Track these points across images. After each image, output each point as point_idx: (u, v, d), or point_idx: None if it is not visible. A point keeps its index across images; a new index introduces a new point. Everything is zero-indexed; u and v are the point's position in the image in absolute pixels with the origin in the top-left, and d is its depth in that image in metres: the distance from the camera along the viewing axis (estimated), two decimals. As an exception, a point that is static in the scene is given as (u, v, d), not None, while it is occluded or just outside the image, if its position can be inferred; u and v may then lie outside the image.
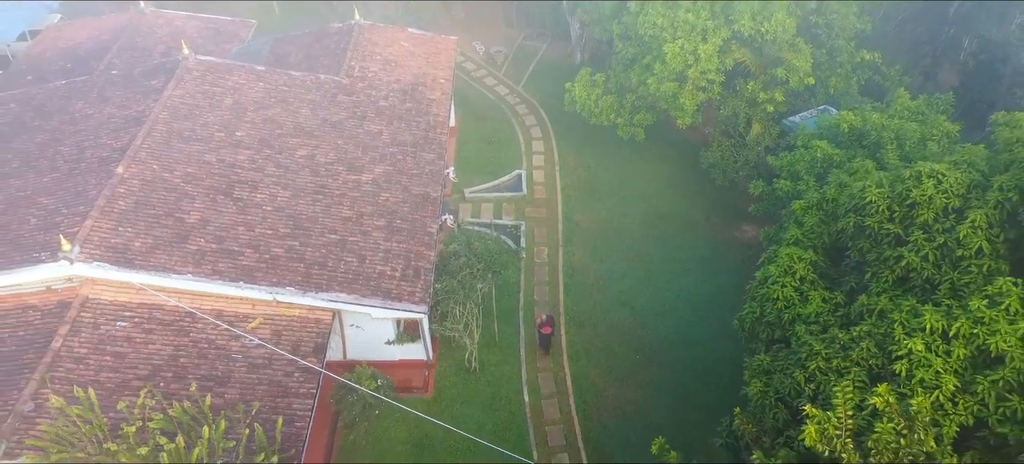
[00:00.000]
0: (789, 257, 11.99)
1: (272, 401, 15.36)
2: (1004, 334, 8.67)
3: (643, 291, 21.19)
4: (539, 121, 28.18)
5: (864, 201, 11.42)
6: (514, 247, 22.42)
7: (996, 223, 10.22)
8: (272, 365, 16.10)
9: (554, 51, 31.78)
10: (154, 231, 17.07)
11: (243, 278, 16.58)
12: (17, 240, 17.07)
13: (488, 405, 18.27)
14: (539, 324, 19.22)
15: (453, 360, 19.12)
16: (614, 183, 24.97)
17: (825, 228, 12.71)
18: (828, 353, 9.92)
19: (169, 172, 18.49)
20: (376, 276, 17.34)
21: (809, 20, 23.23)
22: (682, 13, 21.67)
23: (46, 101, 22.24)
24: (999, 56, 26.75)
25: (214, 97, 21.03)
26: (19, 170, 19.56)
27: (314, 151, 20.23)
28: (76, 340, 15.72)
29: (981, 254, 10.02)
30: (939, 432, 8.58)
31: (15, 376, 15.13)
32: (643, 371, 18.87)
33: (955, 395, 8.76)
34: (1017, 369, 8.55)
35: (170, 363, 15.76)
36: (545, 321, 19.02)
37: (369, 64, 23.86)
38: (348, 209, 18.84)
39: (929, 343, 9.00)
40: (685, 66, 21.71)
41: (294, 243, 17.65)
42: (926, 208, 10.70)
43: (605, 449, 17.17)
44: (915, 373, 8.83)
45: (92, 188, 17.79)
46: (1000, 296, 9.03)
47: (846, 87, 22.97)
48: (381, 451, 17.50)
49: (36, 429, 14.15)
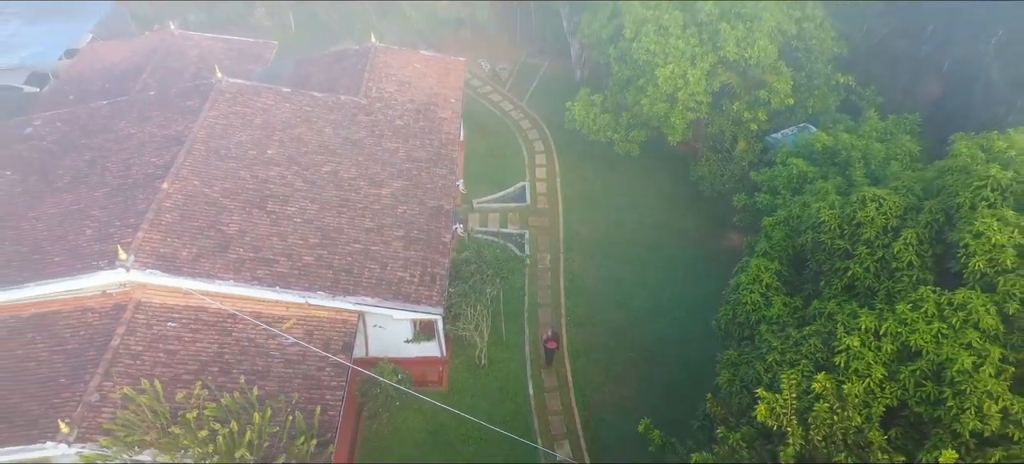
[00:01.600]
0: (757, 267, 14.00)
1: (307, 393, 17.37)
2: (922, 333, 10.66)
3: (638, 294, 23.18)
4: (541, 135, 30.19)
5: (820, 220, 13.44)
6: (519, 254, 24.44)
7: (925, 240, 12.21)
8: (305, 361, 18.13)
9: (555, 68, 33.78)
10: (198, 241, 19.07)
11: (279, 283, 18.58)
12: (75, 249, 19.09)
13: (496, 398, 20.26)
14: (544, 339, 21.08)
15: (464, 357, 21.13)
16: (611, 194, 26.97)
17: (789, 242, 14.72)
18: (783, 348, 11.91)
19: (209, 187, 20.50)
20: (396, 281, 19.36)
21: (791, 44, 25.22)
22: (673, 40, 23.67)
23: (90, 120, 24.26)
24: (972, 73, 28.66)
25: (245, 117, 23.03)
26: (71, 185, 21.60)
27: (337, 167, 22.24)
28: (132, 339, 17.75)
29: (911, 266, 12.01)
30: (870, 412, 10.55)
31: (80, 371, 17.16)
32: (637, 368, 20.86)
33: (883, 382, 10.75)
34: (932, 361, 10.54)
35: (216, 359, 17.79)
36: (550, 337, 20.89)
37: (385, 85, 25.87)
38: (370, 221, 20.86)
39: (864, 340, 10.98)
40: (676, 88, 23.71)
41: (323, 252, 19.66)
42: (869, 227, 12.69)
43: (602, 437, 19.18)
44: (851, 364, 10.82)
45: (140, 202, 19.78)
46: (921, 302, 11.02)
47: (824, 106, 24.95)
48: (401, 439, 19.51)
49: (101, 417, 16.22)
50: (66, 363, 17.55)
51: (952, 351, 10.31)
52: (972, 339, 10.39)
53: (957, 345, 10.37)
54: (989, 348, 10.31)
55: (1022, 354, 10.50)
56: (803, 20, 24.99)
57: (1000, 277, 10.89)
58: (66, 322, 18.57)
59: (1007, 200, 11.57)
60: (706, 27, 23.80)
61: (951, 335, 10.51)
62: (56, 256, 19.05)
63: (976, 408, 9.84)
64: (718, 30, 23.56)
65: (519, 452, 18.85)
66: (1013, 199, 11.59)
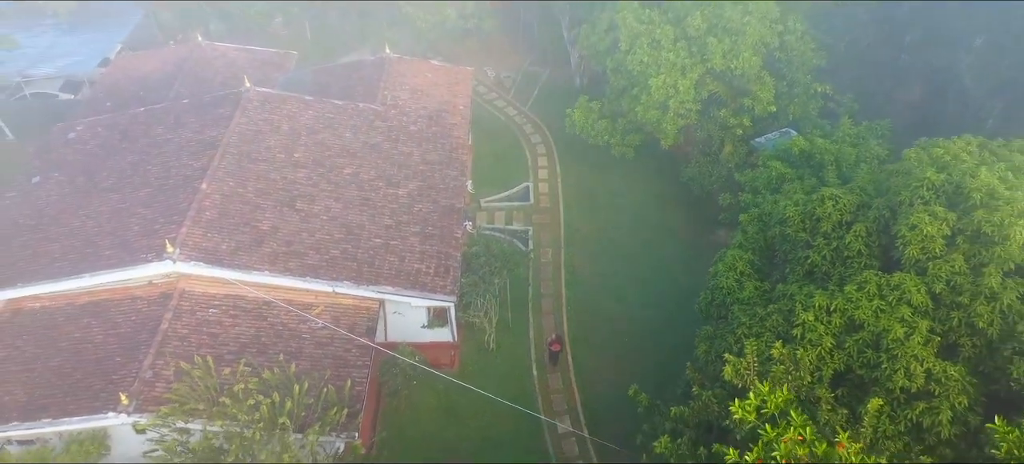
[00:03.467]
0: (733, 257, 16.10)
1: (335, 371, 19.48)
2: (864, 309, 12.75)
3: (632, 286, 25.29)
4: (543, 139, 32.32)
5: (785, 215, 15.54)
6: (524, 249, 26.57)
7: (873, 232, 14.30)
8: (333, 343, 20.25)
9: (556, 77, 35.89)
10: (235, 236, 21.19)
11: (309, 274, 20.71)
12: (125, 244, 21.22)
13: (504, 378, 22.36)
14: (549, 342, 23.04)
15: (474, 341, 23.24)
16: (608, 194, 29.09)
17: (761, 235, 16.82)
18: (750, 323, 13.99)
19: (243, 188, 22.63)
20: (414, 272, 21.48)
21: (773, 56, 27.34)
22: (664, 52, 25.80)
23: (130, 126, 26.36)
24: (948, 81, 30.69)
25: (273, 123, 25.14)
26: (116, 186, 23.74)
27: (358, 169, 24.36)
28: (179, 323, 19.88)
29: (860, 254, 14.09)
30: (821, 374, 12.65)
31: (133, 351, 19.31)
32: (631, 351, 22.95)
33: (832, 350, 12.84)
34: (872, 332, 12.63)
35: (254, 341, 19.92)
36: (554, 340, 22.90)
37: (399, 93, 27.99)
38: (389, 218, 22.99)
39: (817, 315, 13.06)
40: (667, 97, 25.83)
41: (347, 246, 21.79)
42: (826, 221, 14.79)
43: (599, 411, 21.30)
44: (806, 335, 12.91)
45: (182, 201, 21.88)
46: (864, 283, 13.10)
47: (804, 113, 27.04)
48: (417, 415, 21.61)
49: (154, 391, 18.36)
50: (120, 345, 19.70)
51: (888, 323, 12.41)
52: (904, 314, 12.49)
53: (892, 319, 12.47)
54: (918, 321, 12.43)
55: (946, 326, 12.63)
56: (785, 33, 27.09)
57: (930, 262, 12.99)
58: (117, 309, 20.73)
59: (939, 198, 13.66)
60: (695, 41, 25.92)
61: (888, 310, 12.62)
62: (107, 250, 21.18)
63: (905, 369, 11.94)
64: (706, 43, 25.68)
65: (525, 426, 20.99)
66: (945, 197, 13.70)
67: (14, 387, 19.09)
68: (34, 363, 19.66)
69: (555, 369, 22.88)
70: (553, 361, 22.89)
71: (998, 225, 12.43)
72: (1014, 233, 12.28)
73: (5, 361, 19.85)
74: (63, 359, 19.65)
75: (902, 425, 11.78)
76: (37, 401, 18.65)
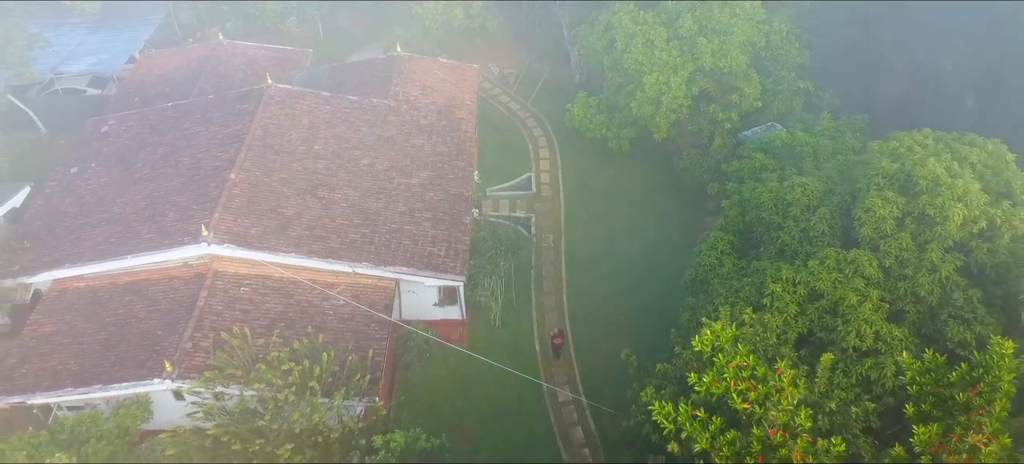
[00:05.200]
0: (715, 238, 18.05)
1: (357, 342, 21.45)
2: (824, 280, 14.70)
3: (627, 269, 27.24)
4: (545, 132, 34.23)
5: (761, 201, 17.48)
6: (526, 234, 28.54)
7: (836, 215, 16.25)
8: (354, 319, 22.23)
9: (557, 74, 37.73)
10: (263, 222, 23.15)
11: (331, 256, 22.68)
12: (162, 228, 23.19)
13: (509, 352, 24.30)
14: (551, 336, 24.66)
15: (481, 319, 25.22)
16: (605, 184, 31.01)
17: (741, 218, 18.78)
18: (726, 293, 15.93)
19: (268, 177, 24.57)
20: (427, 255, 23.46)
21: (760, 54, 29.26)
22: (658, 52, 27.71)
23: (159, 121, 28.28)
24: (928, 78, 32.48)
25: (293, 118, 27.05)
26: (150, 176, 25.69)
27: (374, 161, 26.29)
28: (214, 300, 21.85)
29: (824, 234, 16.04)
30: (786, 336, 14.62)
31: (173, 325, 21.29)
32: (625, 326, 24.91)
33: (796, 316, 14.81)
34: (830, 300, 14.59)
35: (282, 316, 21.91)
36: (556, 334, 24.64)
37: (410, 89, 29.89)
38: (403, 205, 24.93)
39: (784, 286, 15.02)
40: (660, 93, 27.74)
41: (365, 231, 23.75)
42: (796, 205, 16.73)
43: (595, 382, 23.31)
44: (774, 304, 14.87)
45: (213, 190, 23.81)
46: (825, 258, 15.06)
47: (789, 108, 28.95)
48: (430, 386, 23.56)
49: (194, 360, 20.35)
50: (161, 320, 21.70)
51: (844, 293, 14.38)
52: (858, 285, 14.46)
53: (848, 289, 14.43)
54: (870, 291, 14.39)
55: (894, 294, 14.59)
56: (771, 33, 29.02)
57: (882, 240, 14.95)
58: (156, 288, 22.72)
59: (892, 185, 15.60)
60: (686, 40, 27.83)
61: (844, 282, 14.58)
62: (146, 234, 23.16)
63: (857, 331, 13.91)
64: (696, 43, 27.59)
65: (528, 396, 23.01)
66: (897, 184, 15.64)
67: (66, 358, 21.12)
68: (83, 336, 21.66)
69: (558, 361, 24.30)
70: (556, 355, 24.34)
71: (939, 208, 14.39)
72: (953, 214, 14.24)
73: (55, 335, 21.87)
74: (109, 333, 21.65)
75: (854, 378, 13.76)
76: (88, 370, 20.67)
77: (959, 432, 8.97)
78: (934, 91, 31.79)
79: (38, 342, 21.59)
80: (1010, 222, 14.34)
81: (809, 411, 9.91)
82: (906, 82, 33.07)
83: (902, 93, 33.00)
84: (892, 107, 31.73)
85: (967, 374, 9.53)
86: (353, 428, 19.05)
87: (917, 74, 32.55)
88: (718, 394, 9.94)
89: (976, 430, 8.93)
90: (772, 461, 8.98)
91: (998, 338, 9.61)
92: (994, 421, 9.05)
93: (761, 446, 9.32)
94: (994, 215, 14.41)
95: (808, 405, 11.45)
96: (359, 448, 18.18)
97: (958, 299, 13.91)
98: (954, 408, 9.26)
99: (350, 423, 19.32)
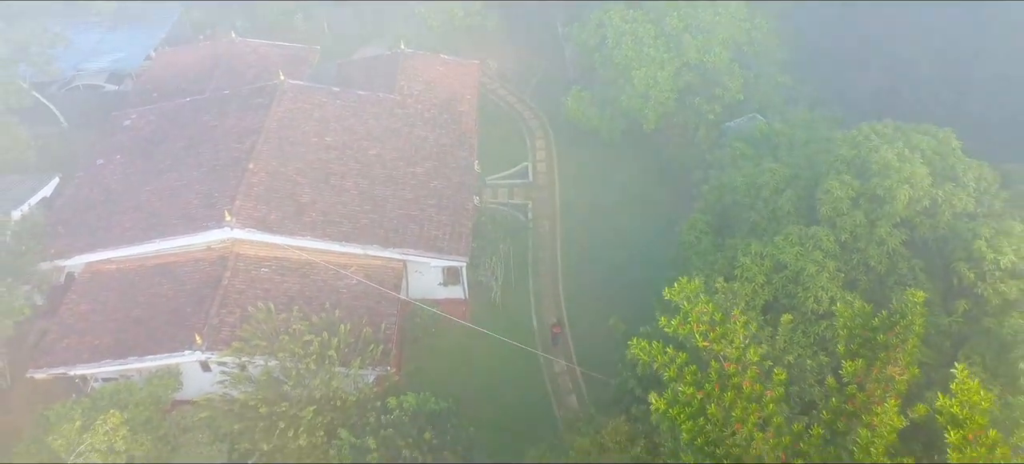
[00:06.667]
0: (694, 219, 20.03)
1: (369, 319, 23.39)
2: (787, 253, 16.66)
3: (617, 251, 29.16)
4: (541, 124, 36.12)
5: (735, 185, 19.44)
6: (524, 220, 30.49)
7: (801, 196, 18.23)
8: (366, 297, 24.16)
9: (552, 68, 39.50)
10: (281, 208, 25.01)
11: (344, 239, 24.56)
12: (187, 215, 25.03)
13: (508, 328, 26.18)
14: (551, 326, 26.34)
15: (482, 298, 27.16)
16: (598, 173, 32.92)
17: (719, 201, 20.75)
18: (702, 266, 17.90)
19: (284, 167, 26.42)
20: (432, 238, 25.37)
21: (742, 51, 31.20)
22: (646, 48, 29.63)
23: (178, 115, 30.11)
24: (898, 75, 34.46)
25: (306, 111, 28.88)
26: (172, 166, 27.51)
27: (381, 151, 28.15)
28: (236, 280, 23.75)
29: (789, 214, 18.02)
30: (754, 302, 16.59)
31: (200, 303, 23.15)
32: (615, 304, 26.75)
33: (763, 285, 16.78)
34: (793, 270, 16.56)
35: (300, 294, 23.82)
36: (555, 324, 26.32)
37: (414, 84, 31.73)
38: (409, 193, 26.81)
39: (753, 259, 16.99)
40: (648, 87, 29.66)
41: (375, 216, 25.63)
42: (766, 189, 18.70)
43: (588, 352, 25.29)
44: (744, 275, 16.85)
45: (232, 179, 25.63)
46: (789, 234, 17.05)
47: (770, 101, 30.88)
48: (435, 360, 25.49)
49: (221, 334, 22.26)
50: (189, 298, 23.60)
51: (804, 264, 16.36)
52: (817, 257, 16.44)
53: (808, 260, 16.42)
54: (827, 262, 16.38)
55: (849, 265, 16.59)
56: (752, 30, 30.94)
57: (838, 218, 16.93)
58: (182, 270, 24.60)
59: (850, 169, 17.59)
60: (672, 38, 29.75)
61: (805, 254, 16.56)
62: (173, 220, 25.02)
63: (815, 296, 15.90)
64: (682, 40, 29.51)
65: (526, 367, 24.98)
66: (854, 168, 17.62)
67: (102, 333, 23.03)
68: (116, 314, 23.57)
69: (556, 350, 25.99)
70: (554, 343, 26.13)
71: (888, 189, 16.38)
72: (900, 195, 16.23)
73: (91, 312, 23.78)
74: (141, 310, 23.56)
75: (811, 337, 15.75)
76: (123, 343, 22.59)
77: (879, 365, 10.94)
78: (909, 85, 33.81)
79: (76, 319, 23.48)
80: (950, 201, 16.34)
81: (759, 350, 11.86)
82: (882, 77, 35.04)
83: (878, 87, 34.97)
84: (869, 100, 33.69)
85: (887, 320, 11.49)
86: (368, 393, 21.02)
87: (893, 69, 34.52)
88: (684, 335, 11.89)
89: (893, 364, 10.91)
90: (726, 387, 10.90)
91: (912, 290, 11.57)
92: (907, 356, 11.03)
93: (717, 376, 11.26)
94: (936, 195, 16.40)
95: (770, 359, 13.42)
96: (375, 409, 20.13)
97: (903, 268, 15.91)
98: (876, 347, 11.22)
99: (366, 390, 21.29)
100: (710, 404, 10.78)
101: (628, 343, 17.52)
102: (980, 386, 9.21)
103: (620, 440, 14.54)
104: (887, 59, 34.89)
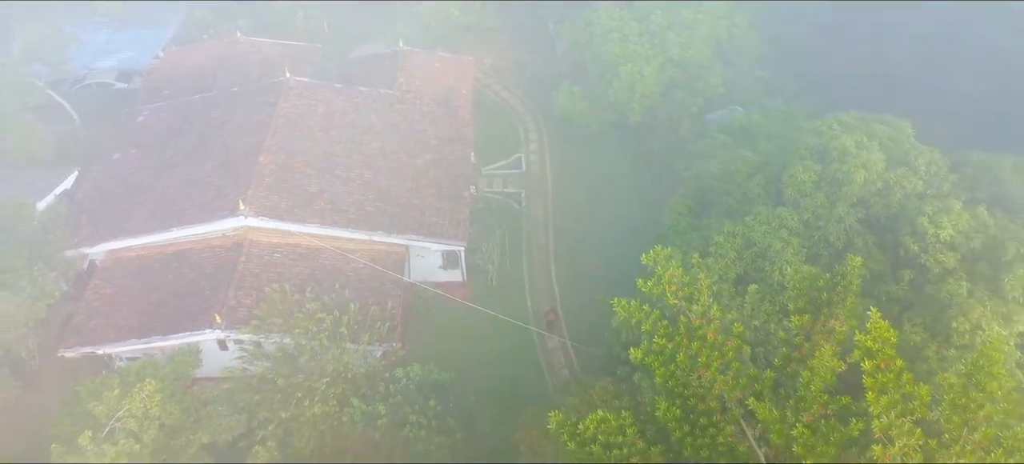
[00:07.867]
0: (675, 203, 21.92)
1: (376, 298, 25.18)
2: (756, 232, 18.54)
3: (606, 237, 30.95)
4: (533, 117, 37.88)
5: (712, 172, 21.32)
6: (517, 208, 32.30)
7: (770, 181, 20.13)
8: (372, 279, 25.91)
9: (544, 64, 41.12)
10: (290, 197, 26.69)
11: (351, 226, 26.29)
12: (202, 204, 26.69)
13: (504, 307, 27.98)
14: (546, 313, 28.08)
15: (480, 282, 28.95)
16: (588, 163, 34.69)
17: (698, 187, 22.64)
18: (681, 244, 19.77)
19: (292, 160, 28.09)
20: (433, 224, 27.14)
21: (723, 46, 33.05)
22: (632, 45, 31.46)
23: (188, 111, 31.72)
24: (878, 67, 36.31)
25: (311, 107, 30.54)
26: (186, 160, 29.16)
27: (383, 144, 29.86)
28: (251, 265, 25.45)
29: (759, 197, 19.92)
30: (727, 275, 18.45)
31: (217, 286, 24.83)
32: (605, 285, 28.53)
33: (735, 260, 18.66)
34: (761, 247, 18.44)
35: (310, 278, 25.54)
36: (550, 311, 27.91)
37: (413, 80, 33.39)
38: (410, 182, 28.55)
39: (725, 237, 18.86)
40: (634, 82, 31.49)
41: (379, 204, 27.35)
42: (739, 174, 20.59)
43: (579, 328, 27.15)
44: (717, 251, 18.71)
45: (244, 171, 27.28)
46: (758, 215, 18.93)
47: (749, 94, 32.75)
48: (438, 337, 27.29)
49: (238, 315, 23.98)
50: (206, 281, 25.30)
51: (771, 241, 18.25)
52: (783, 235, 18.33)
53: (774, 238, 18.31)
54: (792, 239, 18.28)
55: (811, 241, 18.50)
56: (732, 27, 32.79)
57: (802, 199, 18.83)
58: (199, 256, 26.27)
59: (813, 155, 19.49)
60: (656, 35, 31.60)
61: (772, 232, 18.45)
62: (189, 210, 26.69)
63: (780, 270, 17.80)
64: (666, 37, 31.35)
65: (521, 343, 26.81)
66: (817, 155, 19.51)
67: (127, 315, 24.73)
68: (139, 297, 25.26)
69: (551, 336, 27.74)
70: (549, 330, 27.86)
71: (846, 173, 18.28)
72: (856, 178, 18.14)
73: (116, 296, 25.47)
74: (162, 294, 25.26)
75: (776, 305, 17.64)
76: (147, 324, 24.31)
77: (823, 319, 12.79)
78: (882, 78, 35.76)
79: (102, 302, 25.18)
80: (901, 183, 18.25)
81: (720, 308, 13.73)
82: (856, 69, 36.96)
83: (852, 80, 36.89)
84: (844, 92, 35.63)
85: (829, 281, 13.37)
86: (377, 366, 22.81)
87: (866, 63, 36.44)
88: (657, 294, 13.74)
89: (834, 318, 12.76)
90: (692, 338, 12.73)
91: (851, 255, 13.44)
92: (845, 311, 12.91)
93: (685, 328, 13.10)
94: (889, 178, 18.31)
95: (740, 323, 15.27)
96: (384, 379, 21.94)
97: (858, 243, 17.81)
98: (821, 304, 13.08)
99: (374, 364, 23.08)
100: (680, 352, 12.61)
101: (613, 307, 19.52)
102: (889, 325, 11.08)
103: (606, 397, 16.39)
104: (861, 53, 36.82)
